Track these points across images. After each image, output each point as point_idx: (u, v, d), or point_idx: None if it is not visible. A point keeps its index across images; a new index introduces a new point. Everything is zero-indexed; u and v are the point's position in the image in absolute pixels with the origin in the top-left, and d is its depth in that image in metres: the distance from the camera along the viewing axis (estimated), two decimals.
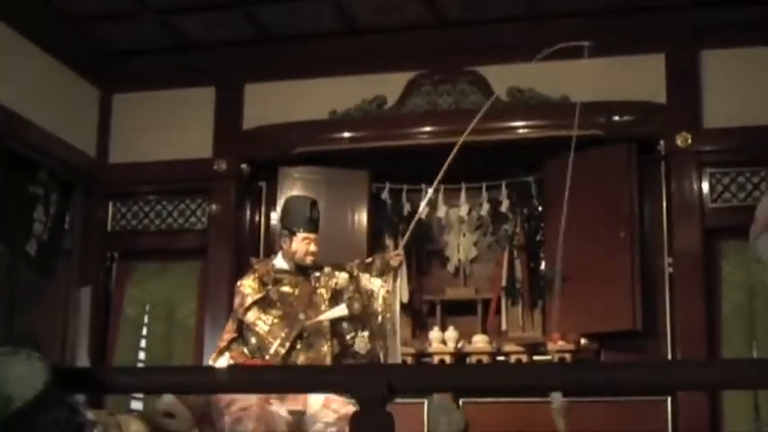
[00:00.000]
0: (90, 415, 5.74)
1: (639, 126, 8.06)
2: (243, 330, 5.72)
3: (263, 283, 5.76)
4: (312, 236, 5.81)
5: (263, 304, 5.69)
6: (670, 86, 8.04)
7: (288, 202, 6.24)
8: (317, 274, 5.88)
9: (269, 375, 3.10)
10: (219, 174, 8.59)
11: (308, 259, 5.81)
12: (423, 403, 7.67)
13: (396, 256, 6.24)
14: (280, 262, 5.89)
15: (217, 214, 8.63)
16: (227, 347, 5.72)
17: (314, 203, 5.96)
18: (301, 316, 5.68)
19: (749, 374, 2.92)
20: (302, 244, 5.79)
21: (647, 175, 8.10)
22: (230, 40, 8.67)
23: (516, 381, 2.92)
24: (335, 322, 5.75)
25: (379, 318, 5.92)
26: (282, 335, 5.58)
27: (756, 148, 7.77)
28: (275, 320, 5.64)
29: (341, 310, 5.72)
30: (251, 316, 5.67)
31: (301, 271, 5.83)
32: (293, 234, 5.81)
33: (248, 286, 5.75)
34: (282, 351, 5.53)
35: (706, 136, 7.94)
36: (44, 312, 8.28)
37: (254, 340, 5.66)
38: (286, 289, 5.76)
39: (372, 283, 5.99)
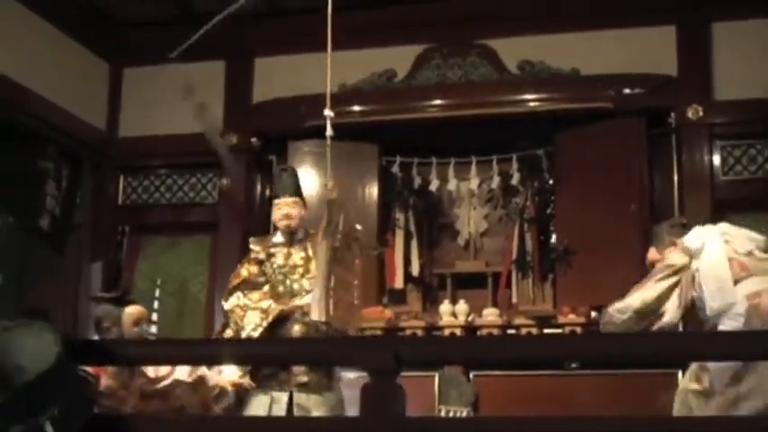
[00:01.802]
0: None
1: (650, 98, 8.02)
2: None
3: (258, 262, 5.77)
4: (286, 200, 5.81)
5: (246, 287, 5.68)
6: (681, 59, 8.01)
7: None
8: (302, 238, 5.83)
9: (277, 348, 3.12)
10: (230, 147, 8.60)
11: (282, 223, 5.79)
12: (433, 376, 7.68)
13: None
14: (277, 237, 5.90)
15: (227, 188, 8.65)
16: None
17: (285, 170, 5.98)
18: (281, 288, 5.66)
19: (756, 346, 2.93)
20: (276, 210, 5.83)
21: (657, 148, 8.09)
22: (240, 13, 8.64)
23: (525, 352, 2.94)
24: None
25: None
26: (257, 320, 5.54)
27: None
28: (253, 305, 5.61)
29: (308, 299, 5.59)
30: (230, 302, 5.68)
31: (298, 240, 5.82)
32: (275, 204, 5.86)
33: (243, 269, 5.77)
34: (255, 335, 5.47)
35: (717, 108, 7.92)
36: (56, 286, 8.31)
37: (232, 325, 5.67)
38: (279, 261, 5.76)
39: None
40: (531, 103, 8.27)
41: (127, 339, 5.36)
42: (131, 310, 6.06)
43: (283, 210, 5.79)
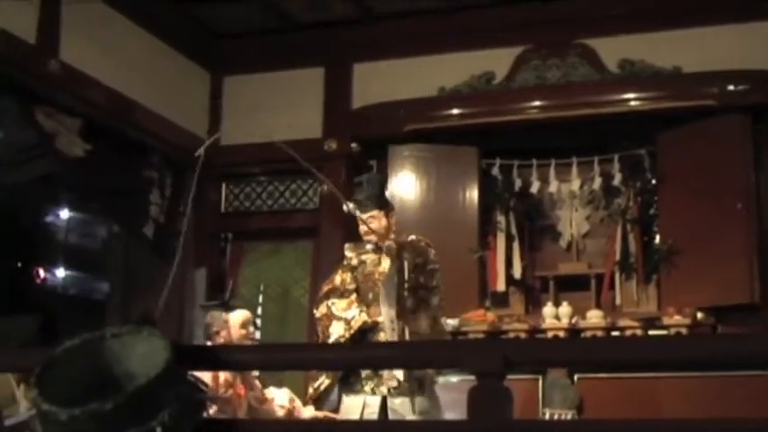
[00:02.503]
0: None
1: (754, 95, 7.87)
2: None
3: (351, 269, 5.74)
4: (364, 216, 5.64)
5: (335, 294, 5.66)
6: None
7: None
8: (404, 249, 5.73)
9: (384, 351, 3.11)
10: (330, 153, 8.64)
11: (366, 238, 5.69)
12: (537, 379, 7.62)
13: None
14: (370, 243, 5.83)
15: (328, 194, 8.68)
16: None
17: (361, 183, 5.87)
18: (370, 295, 5.64)
19: None
20: (361, 225, 5.70)
21: (762, 145, 7.93)
22: (336, 20, 8.71)
23: (633, 354, 2.89)
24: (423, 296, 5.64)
25: None
26: (341, 331, 5.52)
27: None
28: (338, 314, 5.58)
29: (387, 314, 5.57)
30: (319, 310, 5.67)
31: (387, 248, 5.75)
32: None
33: (336, 275, 5.74)
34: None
35: None
36: (161, 294, 8.42)
37: (319, 334, 5.67)
38: (369, 268, 5.72)
39: None
40: (633, 103, 8.17)
41: (235, 345, 5.44)
42: (237, 315, 6.22)
43: (363, 226, 5.67)
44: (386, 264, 5.56)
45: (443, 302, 5.67)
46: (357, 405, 5.47)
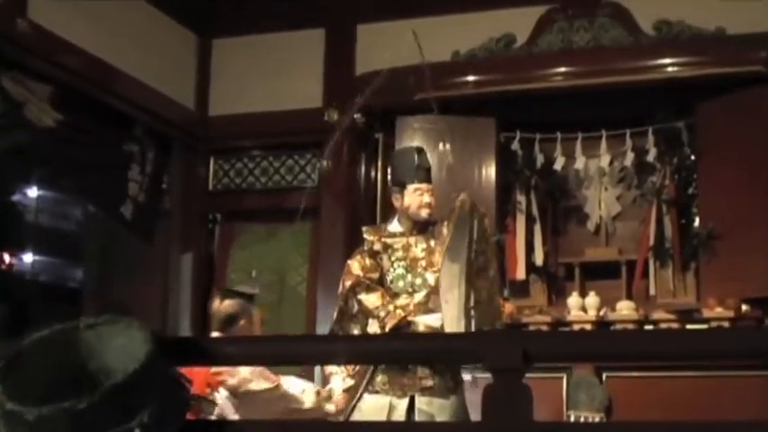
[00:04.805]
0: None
1: None
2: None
3: (373, 254, 5.72)
4: (424, 186, 5.70)
5: (361, 288, 5.64)
6: None
7: (393, 157, 6.25)
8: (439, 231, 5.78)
9: (389, 343, 3.11)
10: (331, 125, 8.62)
11: (424, 212, 5.69)
12: (561, 378, 7.64)
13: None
14: (394, 225, 5.82)
15: (328, 170, 8.67)
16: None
17: (420, 150, 5.88)
18: (400, 283, 5.64)
19: None
20: (414, 196, 5.69)
21: None
22: None
23: (669, 349, 2.88)
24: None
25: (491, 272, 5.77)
26: (377, 330, 5.52)
27: None
28: (374, 310, 5.58)
29: (435, 320, 5.58)
30: (349, 306, 5.66)
31: (419, 230, 5.76)
32: (403, 188, 5.74)
33: (356, 265, 5.72)
34: None
35: None
36: (143, 279, 8.45)
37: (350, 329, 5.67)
38: (399, 254, 5.70)
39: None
40: (670, 69, 8.14)
41: (229, 337, 5.43)
42: (261, 310, 6.21)
43: (425, 197, 5.69)
44: (419, 248, 5.62)
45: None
46: (381, 407, 5.47)
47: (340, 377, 5.76)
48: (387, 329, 5.43)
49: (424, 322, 5.49)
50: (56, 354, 2.94)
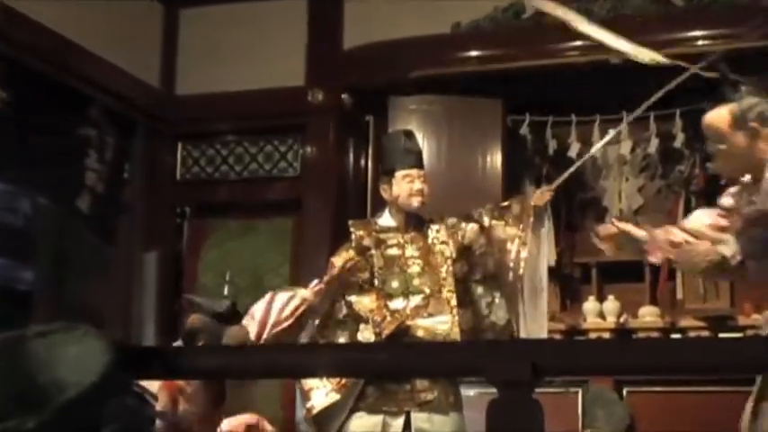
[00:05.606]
0: None
1: None
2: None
3: (362, 251, 5.73)
4: (414, 172, 5.75)
5: (353, 291, 5.65)
6: None
7: (381, 142, 6.26)
8: (436, 227, 5.81)
9: (381, 355, 3.10)
10: (315, 106, 8.62)
11: (415, 201, 5.71)
12: (576, 393, 7.66)
13: (544, 192, 6.10)
14: (385, 219, 5.84)
15: (312, 157, 8.69)
16: None
17: (409, 133, 5.93)
18: (394, 284, 5.66)
19: None
20: (403, 183, 5.72)
21: None
22: None
23: (699, 360, 2.88)
24: (467, 286, 5.70)
25: (510, 275, 5.83)
26: (371, 337, 5.53)
27: None
28: (366, 315, 5.60)
29: (443, 324, 5.60)
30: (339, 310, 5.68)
31: (414, 226, 5.76)
32: (392, 176, 5.76)
33: (343, 260, 5.72)
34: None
35: None
36: (102, 281, 8.43)
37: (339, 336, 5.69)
38: (392, 252, 5.72)
39: (507, 232, 5.89)
40: (700, 43, 8.15)
41: (201, 346, 5.41)
42: (236, 333, 6.06)
43: (416, 184, 5.73)
44: (413, 246, 5.66)
45: None
46: (372, 426, 5.49)
47: (323, 391, 5.74)
48: (384, 336, 5.44)
49: (427, 325, 5.51)
50: (1, 366, 2.93)
